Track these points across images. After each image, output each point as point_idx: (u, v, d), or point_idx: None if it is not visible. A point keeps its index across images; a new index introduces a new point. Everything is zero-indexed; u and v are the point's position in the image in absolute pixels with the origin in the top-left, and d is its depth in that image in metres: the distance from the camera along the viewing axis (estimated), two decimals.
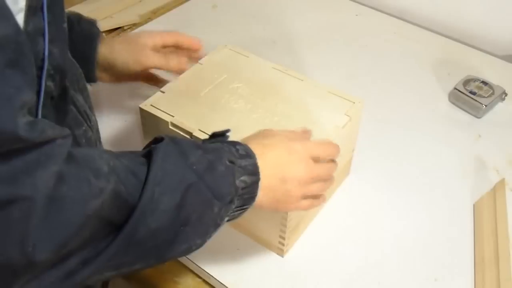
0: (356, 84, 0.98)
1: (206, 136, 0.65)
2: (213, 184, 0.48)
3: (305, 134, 0.63)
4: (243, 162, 0.52)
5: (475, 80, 0.94)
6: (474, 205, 0.77)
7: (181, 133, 0.67)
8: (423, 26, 1.14)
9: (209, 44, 0.83)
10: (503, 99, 0.94)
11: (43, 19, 0.43)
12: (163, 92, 0.72)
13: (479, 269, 0.68)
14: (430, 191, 0.79)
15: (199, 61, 0.78)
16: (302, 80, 0.75)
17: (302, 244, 0.72)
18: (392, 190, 0.79)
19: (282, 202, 0.57)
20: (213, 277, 0.68)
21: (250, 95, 0.72)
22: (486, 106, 0.90)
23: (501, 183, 0.78)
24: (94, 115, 0.64)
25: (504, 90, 0.93)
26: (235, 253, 0.71)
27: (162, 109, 0.69)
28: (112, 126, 0.88)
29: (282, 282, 0.68)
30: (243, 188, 0.51)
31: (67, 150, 0.40)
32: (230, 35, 0.81)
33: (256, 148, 0.54)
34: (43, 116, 0.45)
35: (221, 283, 0.67)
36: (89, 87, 0.62)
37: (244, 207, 0.53)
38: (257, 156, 0.53)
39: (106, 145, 0.85)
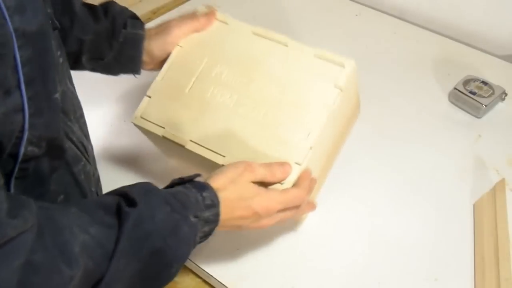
0: None
1: (199, 148, 0.65)
2: (175, 248, 0.50)
3: (284, 169, 0.62)
4: (207, 213, 0.54)
5: (475, 80, 0.94)
6: (474, 205, 0.77)
7: (174, 144, 0.67)
8: (423, 26, 1.14)
9: None
10: (503, 99, 0.94)
11: (21, 96, 0.44)
12: (150, 97, 0.71)
13: (479, 269, 0.68)
14: (430, 191, 0.79)
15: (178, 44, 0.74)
16: (286, 46, 0.70)
17: (302, 244, 0.72)
18: (392, 190, 0.79)
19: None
20: (212, 277, 0.68)
21: (234, 81, 0.69)
22: (486, 106, 0.90)
23: (501, 183, 0.78)
24: (91, 144, 0.64)
25: (504, 90, 0.93)
26: (235, 253, 0.71)
27: (152, 121, 0.68)
28: (112, 125, 0.88)
29: (282, 282, 0.68)
30: (201, 238, 0.54)
31: (31, 240, 0.41)
32: None
33: (223, 203, 0.55)
34: (21, 176, 0.48)
35: (221, 283, 0.67)
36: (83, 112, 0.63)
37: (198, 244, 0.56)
38: (221, 203, 0.55)
39: (106, 145, 0.85)
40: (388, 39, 1.10)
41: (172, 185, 0.57)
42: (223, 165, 0.63)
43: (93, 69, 0.75)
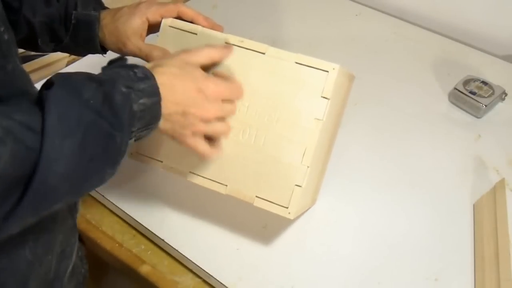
0: (356, 84, 0.97)
1: (200, 179, 0.66)
2: (111, 117, 0.49)
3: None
4: (141, 85, 0.52)
5: (475, 80, 0.94)
6: (474, 205, 0.77)
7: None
8: (423, 26, 1.14)
9: None
10: (503, 99, 0.94)
11: None
12: None
13: (479, 269, 0.68)
14: (430, 191, 0.79)
15: None
16: (264, 54, 0.65)
17: (301, 244, 0.72)
18: (391, 190, 0.79)
19: (178, 133, 0.58)
20: (212, 277, 0.68)
21: None
22: (486, 106, 0.90)
23: (501, 183, 0.78)
24: None
25: (504, 90, 0.93)
26: (235, 253, 0.71)
27: (148, 155, 0.69)
28: None
29: (282, 282, 0.68)
30: (142, 111, 0.52)
31: None
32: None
33: (161, 77, 0.55)
34: None
35: (221, 283, 0.67)
36: None
37: (149, 126, 0.54)
38: (160, 83, 0.54)
39: None
40: (388, 39, 1.10)
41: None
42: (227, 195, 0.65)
43: (55, 51, 0.75)
